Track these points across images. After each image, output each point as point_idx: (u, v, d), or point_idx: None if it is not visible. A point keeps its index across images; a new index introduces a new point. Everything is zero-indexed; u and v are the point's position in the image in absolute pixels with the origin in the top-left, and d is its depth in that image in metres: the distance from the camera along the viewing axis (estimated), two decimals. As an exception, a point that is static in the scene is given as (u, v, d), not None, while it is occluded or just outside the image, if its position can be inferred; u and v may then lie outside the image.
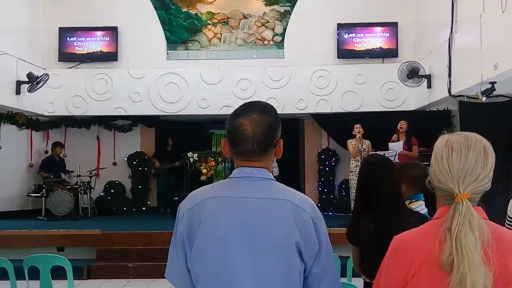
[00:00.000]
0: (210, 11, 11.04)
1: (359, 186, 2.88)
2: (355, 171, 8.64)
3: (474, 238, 1.36)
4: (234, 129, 1.64)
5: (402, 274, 1.45)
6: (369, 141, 8.73)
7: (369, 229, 2.64)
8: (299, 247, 1.55)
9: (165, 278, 1.70)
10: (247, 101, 1.80)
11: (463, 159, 1.45)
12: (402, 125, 8.71)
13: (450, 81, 8.19)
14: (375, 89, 10.26)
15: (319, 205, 10.89)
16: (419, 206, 3.01)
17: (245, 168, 1.65)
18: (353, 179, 8.67)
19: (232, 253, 1.54)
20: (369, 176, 2.76)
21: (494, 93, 7.22)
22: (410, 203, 2.98)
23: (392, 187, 2.69)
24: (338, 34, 10.50)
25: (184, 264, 1.61)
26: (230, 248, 1.55)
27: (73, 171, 10.33)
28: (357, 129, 8.62)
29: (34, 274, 4.17)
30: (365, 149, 8.60)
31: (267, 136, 1.63)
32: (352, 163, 8.75)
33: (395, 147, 8.37)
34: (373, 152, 8.46)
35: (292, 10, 10.81)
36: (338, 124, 10.47)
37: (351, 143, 8.70)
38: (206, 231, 1.57)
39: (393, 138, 8.69)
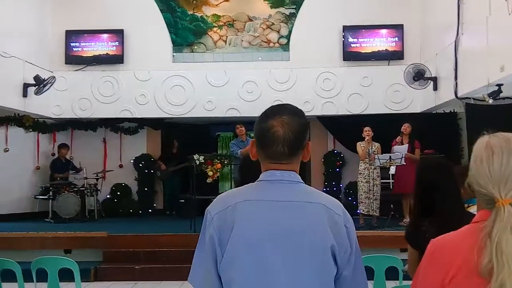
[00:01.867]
0: (215, 14, 11.06)
1: (419, 189, 2.81)
2: (363, 174, 8.61)
3: None
4: (265, 131, 1.61)
5: (439, 278, 1.41)
6: (378, 144, 8.69)
7: (432, 232, 2.61)
8: (334, 251, 1.54)
9: (185, 281, 1.67)
10: (252, 103, 1.80)
11: (505, 163, 1.40)
12: (406, 128, 8.69)
13: (456, 83, 8.17)
14: (381, 92, 10.25)
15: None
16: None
17: (275, 171, 1.63)
18: (362, 181, 8.64)
19: (267, 257, 1.52)
20: (431, 179, 2.71)
21: (501, 95, 7.21)
22: (468, 207, 2.97)
23: (456, 190, 2.65)
24: (343, 37, 10.50)
25: (213, 268, 1.57)
26: (264, 253, 1.52)
27: (81, 169, 10.34)
28: (366, 131, 8.59)
29: (42, 276, 4.19)
30: (374, 151, 8.57)
31: (297, 138, 1.62)
32: (361, 166, 8.72)
33: (401, 150, 8.36)
34: (429, 155, 8.43)
35: (297, 13, 10.82)
36: (344, 127, 10.47)
37: (360, 145, 8.67)
38: (240, 235, 1.54)
39: (396, 140, 8.67)
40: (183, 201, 10.29)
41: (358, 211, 8.72)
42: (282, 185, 1.61)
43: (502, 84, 6.94)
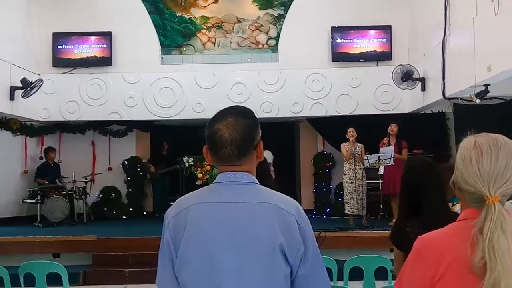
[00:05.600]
0: (204, 16, 11.05)
1: (405, 190, 2.80)
2: (348, 174, 8.67)
3: (507, 241, 1.33)
4: (212, 135, 1.64)
5: (428, 276, 1.42)
6: (362, 145, 8.76)
7: (416, 233, 2.60)
8: (283, 250, 1.55)
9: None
10: (242, 105, 1.80)
11: (494, 161, 1.43)
12: (393, 128, 8.74)
13: (444, 84, 8.23)
14: (369, 92, 10.29)
15: (315, 209, 10.90)
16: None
17: (228, 173, 1.65)
18: (347, 182, 8.70)
19: (217, 258, 1.55)
20: (416, 180, 2.69)
21: (488, 95, 7.25)
22: (452, 205, 2.98)
23: (440, 190, 2.64)
24: (332, 38, 10.53)
25: (172, 271, 1.62)
26: (214, 254, 1.56)
27: (68, 177, 10.28)
28: (350, 132, 8.65)
29: (30, 281, 4.16)
30: (358, 152, 8.64)
31: (245, 139, 1.63)
32: (345, 166, 8.78)
33: (387, 151, 8.40)
34: (418, 155, 8.47)
35: (286, 14, 10.83)
36: (333, 128, 10.48)
37: (344, 146, 8.74)
38: (190, 237, 1.58)
39: (383, 141, 8.71)
40: (172, 203, 10.23)
41: (346, 211, 8.77)
42: (233, 186, 1.64)
43: (489, 84, 6.99)
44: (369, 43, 10.57)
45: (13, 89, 9.25)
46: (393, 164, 8.15)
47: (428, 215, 2.58)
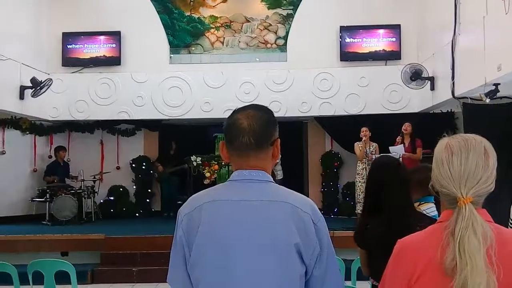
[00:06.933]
0: (212, 15, 11.05)
1: (367, 188, 2.83)
2: (361, 174, 8.63)
3: (477, 241, 1.35)
4: (230, 124, 1.65)
5: (406, 278, 1.44)
6: (376, 144, 8.72)
7: (377, 231, 2.61)
8: (299, 249, 1.53)
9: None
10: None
11: (464, 162, 1.44)
12: (407, 127, 8.71)
13: (453, 83, 8.17)
14: (378, 92, 10.24)
15: (323, 208, 10.87)
16: (429, 208, 3.00)
17: (244, 171, 1.64)
18: (360, 182, 8.66)
19: (230, 256, 1.54)
20: (378, 178, 2.71)
21: (498, 94, 7.19)
22: (419, 205, 2.97)
23: (401, 189, 2.64)
24: (341, 37, 10.50)
25: (185, 269, 1.61)
26: (228, 252, 1.54)
27: (77, 176, 10.33)
28: (364, 132, 8.62)
29: (38, 279, 4.18)
30: (372, 151, 8.60)
31: (263, 130, 1.63)
32: (359, 166, 8.74)
33: (397, 150, 8.36)
34: (380, 154, 8.43)
35: (294, 13, 10.81)
36: (341, 127, 10.46)
37: (358, 146, 8.70)
38: (204, 235, 1.57)
39: (397, 140, 8.68)
40: (180, 202, 10.26)
41: (357, 211, 8.73)
42: (248, 184, 1.62)
43: (499, 84, 6.93)
44: (378, 42, 10.52)
45: (22, 89, 9.30)
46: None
47: (387, 213, 2.59)
